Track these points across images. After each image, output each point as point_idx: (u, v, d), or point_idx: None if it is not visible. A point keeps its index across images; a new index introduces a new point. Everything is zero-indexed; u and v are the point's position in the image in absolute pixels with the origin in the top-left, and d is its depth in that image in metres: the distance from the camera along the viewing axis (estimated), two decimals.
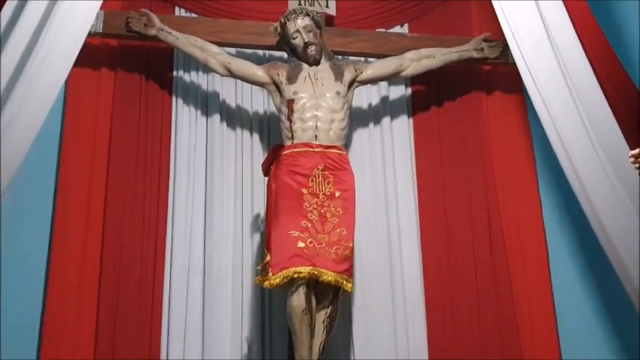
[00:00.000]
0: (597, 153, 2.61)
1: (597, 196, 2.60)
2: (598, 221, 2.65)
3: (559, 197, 3.58)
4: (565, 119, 2.67)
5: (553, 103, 2.70)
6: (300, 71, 3.23)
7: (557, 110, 2.70)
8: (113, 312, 3.21)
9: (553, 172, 3.62)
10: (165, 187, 3.51)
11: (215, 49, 3.35)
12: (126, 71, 3.58)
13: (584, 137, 2.63)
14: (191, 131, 3.62)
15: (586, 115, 2.61)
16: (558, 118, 2.70)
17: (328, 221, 2.99)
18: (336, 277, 2.90)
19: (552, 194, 3.60)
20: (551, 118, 2.73)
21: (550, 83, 2.72)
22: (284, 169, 3.08)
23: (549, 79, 2.73)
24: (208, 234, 3.45)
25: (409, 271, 3.46)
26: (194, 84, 3.70)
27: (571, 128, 2.67)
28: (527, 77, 2.86)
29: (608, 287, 3.40)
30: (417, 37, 3.60)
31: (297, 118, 3.14)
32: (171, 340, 3.27)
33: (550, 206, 3.57)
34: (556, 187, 3.60)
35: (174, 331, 3.29)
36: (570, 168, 2.73)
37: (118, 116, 3.50)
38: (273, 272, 2.88)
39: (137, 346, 3.20)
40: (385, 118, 3.73)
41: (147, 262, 3.34)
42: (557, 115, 2.70)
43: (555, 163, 3.58)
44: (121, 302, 3.25)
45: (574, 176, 2.71)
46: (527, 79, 2.84)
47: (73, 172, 3.37)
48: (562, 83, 2.68)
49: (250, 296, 3.40)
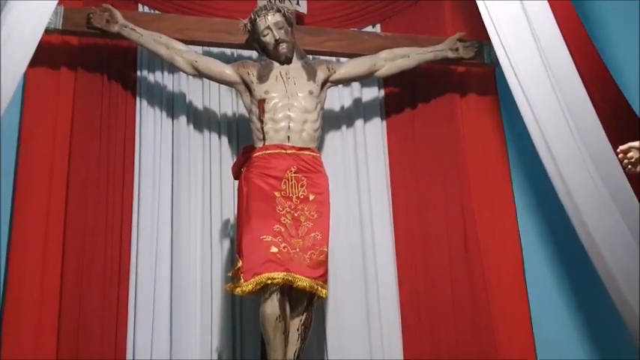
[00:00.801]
0: (580, 151, 2.55)
1: (581, 195, 2.54)
2: (581, 222, 2.59)
3: (533, 200, 3.55)
4: (548, 117, 2.61)
5: (536, 100, 2.64)
6: (271, 70, 3.11)
7: (540, 107, 2.64)
8: (75, 322, 3.05)
9: (527, 174, 3.61)
10: (129, 192, 3.37)
11: (181, 47, 3.21)
12: (87, 71, 3.43)
13: (567, 134, 2.57)
14: (156, 134, 3.48)
15: (569, 113, 2.56)
16: (541, 116, 2.64)
17: (302, 225, 2.88)
18: (311, 283, 2.79)
19: (527, 197, 3.57)
20: (534, 116, 2.67)
21: (533, 80, 2.65)
22: (255, 171, 2.96)
23: (533, 76, 2.66)
24: (175, 240, 3.31)
25: (383, 276, 3.37)
26: (159, 84, 3.56)
27: (554, 126, 2.61)
28: (510, 74, 2.79)
29: (583, 289, 3.39)
30: (391, 37, 3.52)
31: (268, 119, 3.02)
32: (137, 351, 3.12)
33: (524, 208, 3.53)
34: (530, 190, 3.58)
35: (140, 343, 3.14)
36: (553, 166, 2.67)
37: (78, 118, 3.34)
38: (245, 279, 2.76)
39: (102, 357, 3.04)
40: (358, 120, 3.64)
41: (111, 270, 3.20)
42: (541, 113, 2.64)
43: (530, 165, 3.59)
44: (84, 313, 3.08)
45: (556, 174, 2.65)
46: (510, 76, 2.77)
47: (32, 176, 3.21)
48: (546, 80, 2.61)
49: (220, 305, 3.27)
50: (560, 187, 2.62)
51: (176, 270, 3.27)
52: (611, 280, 2.60)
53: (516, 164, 3.61)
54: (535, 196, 3.54)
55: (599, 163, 2.54)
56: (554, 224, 3.47)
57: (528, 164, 3.57)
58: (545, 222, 3.50)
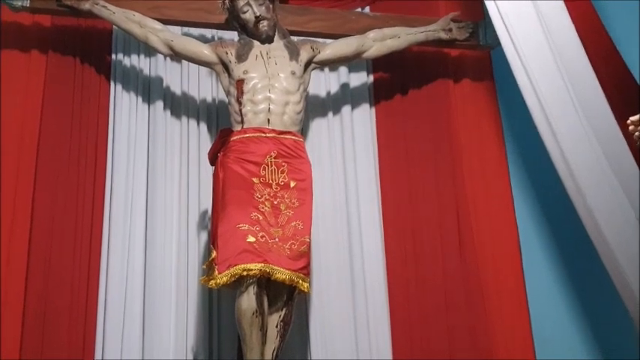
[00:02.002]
0: (585, 130, 2.35)
1: (584, 178, 2.34)
2: (585, 206, 2.39)
3: (531, 189, 3.39)
4: (553, 97, 2.41)
5: (540, 80, 2.43)
6: (250, 49, 2.92)
7: (543, 87, 2.43)
8: (40, 318, 2.85)
9: (525, 163, 3.44)
10: (101, 180, 3.18)
11: (156, 26, 3.02)
12: (59, 54, 3.24)
13: (571, 113, 2.37)
14: (131, 120, 3.28)
15: (573, 89, 2.36)
16: (544, 94, 2.43)
17: (282, 214, 2.68)
18: (291, 276, 2.59)
19: (524, 186, 3.39)
20: (537, 95, 2.46)
21: (537, 60, 2.45)
22: (232, 156, 2.76)
23: (537, 56, 2.45)
24: (150, 231, 3.12)
25: (371, 271, 3.18)
26: (135, 68, 3.37)
27: (558, 105, 2.40)
28: (512, 55, 2.57)
29: (583, 283, 3.24)
30: (380, 17, 3.33)
31: (247, 100, 2.83)
32: (107, 350, 2.93)
33: (522, 198, 3.36)
34: (528, 179, 3.40)
35: (110, 341, 2.94)
36: (555, 147, 2.47)
37: (49, 103, 3.15)
38: (219, 270, 2.56)
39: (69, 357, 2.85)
40: (345, 107, 3.44)
41: (80, 262, 3.00)
42: (545, 94, 2.43)
43: (528, 153, 3.43)
44: (50, 308, 2.89)
45: (559, 156, 2.44)
46: (513, 57, 2.55)
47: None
48: (551, 59, 2.41)
49: (196, 299, 3.08)
50: (563, 168, 2.42)
51: (150, 263, 3.08)
52: (614, 265, 2.39)
53: (513, 152, 3.42)
54: (533, 187, 3.37)
55: (604, 143, 2.34)
56: (553, 216, 3.31)
57: (526, 152, 3.40)
58: (543, 213, 3.33)
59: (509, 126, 3.46)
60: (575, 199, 2.41)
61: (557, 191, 3.20)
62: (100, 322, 2.96)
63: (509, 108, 3.46)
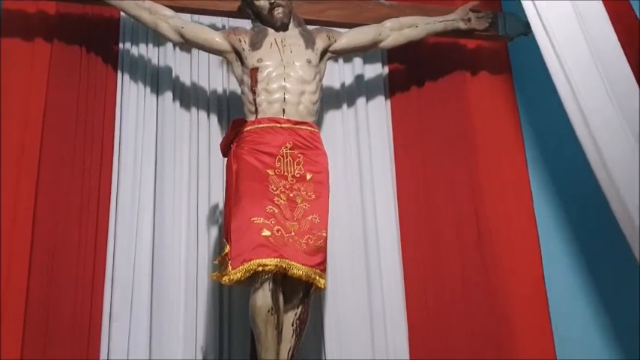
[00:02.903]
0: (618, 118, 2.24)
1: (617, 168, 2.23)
2: (618, 198, 2.28)
3: (550, 183, 3.30)
4: (586, 88, 2.30)
5: (573, 69, 2.32)
6: (265, 36, 2.81)
7: (577, 77, 2.32)
8: (43, 316, 2.73)
9: (544, 157, 3.35)
10: (107, 174, 3.07)
11: (167, 12, 2.91)
12: (64, 43, 3.12)
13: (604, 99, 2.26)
14: (139, 111, 3.17)
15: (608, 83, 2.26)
16: (579, 87, 2.32)
17: (298, 207, 2.57)
18: (307, 272, 2.48)
19: (543, 180, 3.30)
20: (571, 86, 2.35)
21: (571, 48, 2.34)
22: (246, 147, 2.65)
23: (570, 44, 2.34)
24: (158, 227, 3.01)
25: (387, 268, 3.07)
26: (143, 57, 3.26)
27: (593, 97, 2.29)
28: (544, 43, 2.46)
29: (603, 281, 3.15)
30: (397, 6, 3.23)
31: (261, 89, 2.72)
32: (112, 350, 2.82)
33: (541, 193, 3.26)
34: (547, 175, 3.31)
35: (116, 340, 2.84)
36: (587, 136, 2.35)
37: (53, 94, 3.03)
38: (233, 266, 2.44)
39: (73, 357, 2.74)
40: (360, 99, 3.34)
41: (85, 258, 2.89)
42: (579, 84, 2.32)
43: (546, 147, 3.33)
44: (53, 305, 2.77)
45: (592, 146, 2.33)
46: (545, 45, 2.44)
47: (2, 155, 2.88)
48: (585, 49, 2.30)
49: (206, 298, 2.96)
50: (595, 159, 2.32)
51: (158, 260, 2.97)
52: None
53: (532, 147, 3.33)
54: (552, 181, 3.28)
55: (638, 135, 2.23)
56: (573, 211, 3.23)
57: (544, 146, 3.32)
58: (563, 208, 3.24)
59: (527, 119, 3.37)
60: (607, 192, 2.31)
61: (577, 186, 3.18)
62: (106, 322, 2.86)
63: (526, 101, 3.38)
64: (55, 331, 2.74)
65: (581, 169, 3.10)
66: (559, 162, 3.27)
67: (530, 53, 3.40)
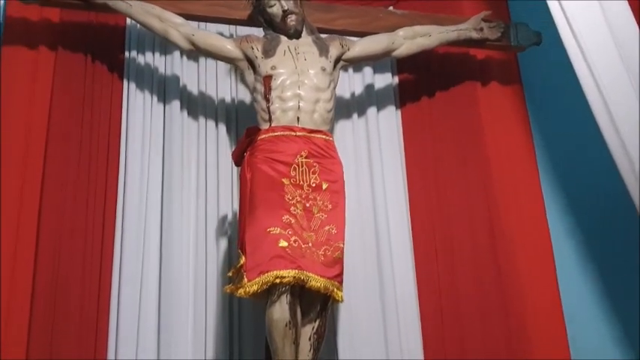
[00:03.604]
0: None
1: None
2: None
3: (562, 193, 3.24)
4: (616, 95, 2.25)
5: (603, 74, 2.28)
6: (278, 44, 2.76)
7: (604, 76, 2.28)
8: (47, 333, 2.63)
9: (555, 167, 3.29)
10: (113, 185, 3.01)
11: (177, 20, 2.85)
12: (69, 51, 3.07)
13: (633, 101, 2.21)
14: (145, 121, 3.12)
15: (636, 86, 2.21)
16: (608, 90, 2.28)
17: (315, 217, 2.50)
18: (325, 284, 2.41)
19: (555, 190, 3.25)
20: (599, 90, 2.31)
21: (600, 52, 2.29)
22: (261, 155, 2.59)
23: (599, 48, 2.30)
24: (165, 239, 2.94)
25: (401, 277, 3.03)
26: (149, 66, 3.21)
27: (623, 103, 2.24)
28: (572, 46, 2.42)
29: (616, 283, 3.09)
30: (408, 15, 3.19)
31: (275, 97, 2.66)
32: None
33: (553, 203, 3.21)
34: (559, 183, 3.26)
35: (123, 356, 2.74)
36: (616, 140, 2.30)
37: (58, 103, 2.97)
38: (249, 278, 2.36)
39: None
40: (371, 108, 3.30)
41: (91, 271, 2.83)
42: (607, 87, 2.28)
43: (558, 157, 3.30)
44: (58, 320, 2.69)
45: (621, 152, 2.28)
46: (573, 49, 2.40)
47: (5, 166, 2.79)
48: (614, 52, 2.26)
49: (215, 312, 2.90)
50: (625, 165, 2.27)
51: (165, 273, 2.90)
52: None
53: (543, 157, 3.28)
54: (564, 191, 3.22)
55: None
56: (584, 218, 3.17)
57: (556, 157, 3.27)
58: (575, 218, 3.19)
59: (538, 128, 3.33)
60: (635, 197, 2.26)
61: (588, 193, 3.15)
62: (112, 339, 2.78)
63: (537, 111, 3.35)
64: (60, 347, 2.65)
65: (591, 176, 3.14)
66: (570, 170, 3.23)
67: (539, 63, 3.41)
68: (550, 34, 3.30)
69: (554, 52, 3.29)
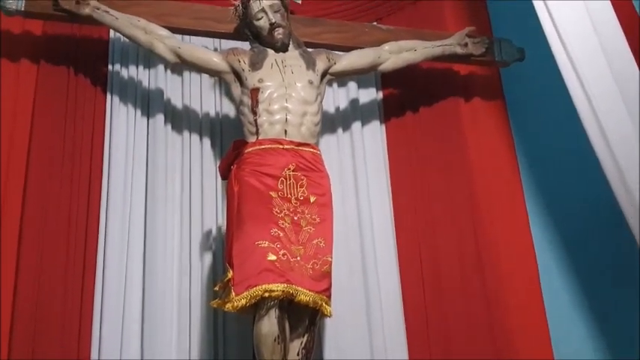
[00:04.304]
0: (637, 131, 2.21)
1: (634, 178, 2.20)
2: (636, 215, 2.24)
3: (546, 207, 3.25)
4: (606, 105, 2.27)
5: (592, 84, 2.30)
6: (265, 57, 2.75)
7: (592, 84, 2.30)
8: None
9: (539, 181, 3.30)
10: (96, 200, 2.96)
11: (162, 32, 2.83)
12: (51, 64, 3.04)
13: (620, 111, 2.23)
14: (129, 134, 3.08)
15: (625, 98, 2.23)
16: (598, 102, 2.29)
17: (303, 230, 2.48)
18: (314, 298, 2.38)
19: (539, 204, 3.25)
20: (585, 93, 2.33)
21: (586, 56, 2.31)
22: (248, 169, 2.56)
23: (585, 51, 2.32)
24: (149, 254, 2.90)
25: (387, 292, 3.01)
26: (133, 80, 3.18)
27: (609, 108, 2.26)
28: (558, 48, 2.43)
29: (600, 300, 3.07)
30: (393, 30, 3.21)
31: (262, 110, 2.65)
32: None
33: (537, 217, 3.22)
34: (543, 197, 3.26)
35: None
36: (606, 152, 2.31)
37: (39, 117, 2.94)
38: (237, 292, 2.33)
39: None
40: (355, 123, 3.30)
41: (72, 289, 2.77)
42: (598, 99, 2.29)
43: (541, 171, 3.32)
44: (39, 340, 2.63)
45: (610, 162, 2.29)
46: (562, 58, 2.42)
47: None
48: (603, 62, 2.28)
49: (200, 326, 2.85)
50: (615, 176, 2.27)
51: (148, 289, 2.85)
52: None
53: (527, 172, 3.29)
54: (548, 206, 3.23)
55: None
56: (568, 232, 3.18)
57: (539, 171, 3.28)
58: (558, 231, 3.19)
59: (521, 143, 3.35)
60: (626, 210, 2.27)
61: (572, 208, 3.16)
62: (95, 356, 2.72)
63: (520, 126, 3.36)
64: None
65: (573, 188, 3.15)
66: (552, 183, 3.24)
67: (522, 79, 3.44)
68: (531, 50, 3.39)
69: (536, 67, 3.37)
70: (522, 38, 3.35)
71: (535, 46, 3.34)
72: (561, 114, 3.24)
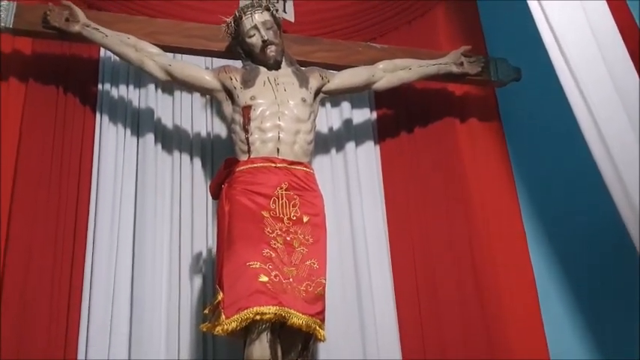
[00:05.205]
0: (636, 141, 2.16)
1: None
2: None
3: (544, 229, 3.19)
4: (606, 112, 2.22)
5: (593, 94, 2.25)
6: (257, 74, 2.71)
7: (595, 100, 2.25)
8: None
9: (537, 202, 3.24)
10: (83, 221, 2.88)
11: (153, 49, 2.79)
12: (40, 83, 2.99)
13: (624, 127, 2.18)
14: (118, 155, 3.02)
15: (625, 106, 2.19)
16: (594, 102, 2.25)
17: (296, 251, 2.41)
18: (307, 321, 2.30)
19: (537, 225, 3.19)
20: (587, 106, 2.27)
21: (586, 66, 2.27)
22: (239, 187, 2.50)
23: (586, 62, 2.28)
24: (137, 277, 2.81)
25: (381, 315, 2.92)
26: (123, 99, 3.12)
27: (611, 120, 2.21)
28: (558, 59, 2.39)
29: (599, 321, 3.01)
30: (388, 49, 3.17)
31: (254, 128, 2.59)
32: None
33: (535, 238, 3.16)
34: (540, 218, 3.21)
35: None
36: (611, 170, 2.25)
37: (27, 136, 2.88)
38: (227, 315, 2.25)
39: None
40: (349, 143, 3.25)
41: (58, 311, 2.67)
42: (594, 100, 2.25)
43: (539, 193, 3.27)
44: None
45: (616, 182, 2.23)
46: (559, 61, 2.37)
47: None
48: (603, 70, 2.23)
49: (189, 351, 2.76)
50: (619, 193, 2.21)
51: (136, 314, 2.76)
52: None
53: (524, 194, 3.24)
54: (545, 226, 3.17)
55: None
56: (566, 251, 3.11)
57: (537, 191, 3.23)
58: (556, 252, 3.13)
59: (518, 164, 3.30)
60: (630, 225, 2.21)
61: (570, 228, 3.10)
62: None
63: (517, 146, 3.32)
64: None
65: (573, 211, 3.10)
66: (552, 206, 3.18)
67: (518, 99, 3.40)
68: (527, 69, 3.36)
69: (532, 87, 3.34)
70: (517, 58, 3.33)
71: (530, 65, 3.34)
72: (559, 134, 3.22)
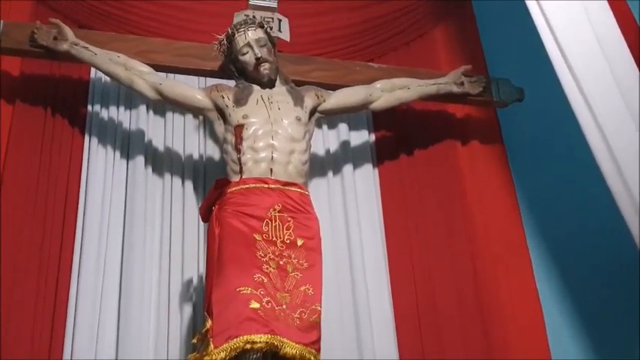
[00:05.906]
0: None
1: None
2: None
3: (548, 250, 3.09)
4: (611, 117, 2.13)
5: (598, 101, 2.16)
6: (250, 93, 2.62)
7: (601, 108, 2.16)
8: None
9: (540, 223, 3.13)
10: (69, 246, 2.78)
11: (143, 68, 2.70)
12: (28, 104, 2.91)
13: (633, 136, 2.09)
14: (107, 177, 2.93)
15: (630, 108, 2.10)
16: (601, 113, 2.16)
17: (289, 276, 2.29)
18: (301, 351, 2.18)
19: (541, 247, 3.09)
20: (594, 118, 2.18)
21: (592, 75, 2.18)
22: (230, 209, 2.39)
23: (591, 70, 2.19)
24: (124, 304, 2.69)
25: (381, 343, 2.79)
26: (113, 121, 3.04)
27: (620, 131, 2.12)
28: (561, 67, 2.30)
29: (602, 331, 2.92)
30: (386, 69, 3.09)
31: (247, 148, 2.49)
32: None
33: (540, 260, 3.05)
34: (545, 240, 3.11)
35: None
36: (619, 182, 2.15)
37: (13, 159, 2.78)
38: (216, 344, 2.13)
39: None
40: (346, 166, 3.15)
41: (40, 344, 2.54)
42: (601, 111, 2.16)
43: (543, 213, 3.18)
44: None
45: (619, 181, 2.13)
46: (562, 69, 2.28)
47: None
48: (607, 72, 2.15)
49: None
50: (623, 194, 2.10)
51: (123, 344, 2.63)
52: None
53: (529, 217, 3.12)
54: (550, 247, 3.08)
55: None
56: (571, 273, 3.03)
57: (541, 213, 3.14)
58: (561, 273, 3.04)
59: (521, 188, 3.20)
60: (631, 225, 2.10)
61: (575, 248, 3.01)
62: None
63: (520, 168, 3.22)
64: None
65: (577, 231, 3.02)
66: (556, 227, 3.09)
67: (520, 120, 3.32)
68: (528, 90, 3.27)
69: (534, 108, 3.25)
70: (518, 79, 3.25)
71: (532, 86, 3.26)
72: (562, 156, 3.15)
